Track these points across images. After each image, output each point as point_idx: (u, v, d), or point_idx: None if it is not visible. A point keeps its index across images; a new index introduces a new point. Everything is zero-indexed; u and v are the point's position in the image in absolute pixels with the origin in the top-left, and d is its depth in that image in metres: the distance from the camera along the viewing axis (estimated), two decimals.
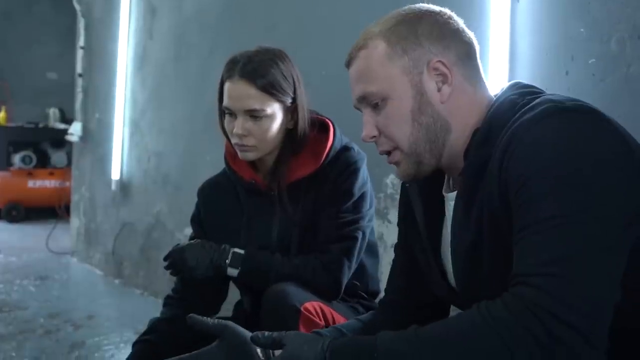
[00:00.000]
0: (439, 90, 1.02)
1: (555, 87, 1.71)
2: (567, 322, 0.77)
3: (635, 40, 1.59)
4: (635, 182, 0.86)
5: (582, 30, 1.71)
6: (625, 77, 1.61)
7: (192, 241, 1.58)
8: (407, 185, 1.18)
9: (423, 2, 1.11)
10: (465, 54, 1.04)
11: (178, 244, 1.56)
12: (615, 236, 0.82)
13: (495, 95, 1.06)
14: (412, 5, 1.07)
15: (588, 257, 0.80)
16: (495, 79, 1.83)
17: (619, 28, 1.62)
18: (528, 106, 0.92)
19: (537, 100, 0.92)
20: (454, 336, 0.83)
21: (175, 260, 1.52)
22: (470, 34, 1.07)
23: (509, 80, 1.82)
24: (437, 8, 1.06)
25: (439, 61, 1.01)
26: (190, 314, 1.07)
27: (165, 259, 1.54)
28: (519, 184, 0.87)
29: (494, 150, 0.94)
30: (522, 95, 0.98)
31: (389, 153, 1.07)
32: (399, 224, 1.26)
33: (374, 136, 1.06)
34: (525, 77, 1.80)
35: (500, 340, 0.79)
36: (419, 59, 1.01)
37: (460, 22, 1.06)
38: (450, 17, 1.05)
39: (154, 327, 1.62)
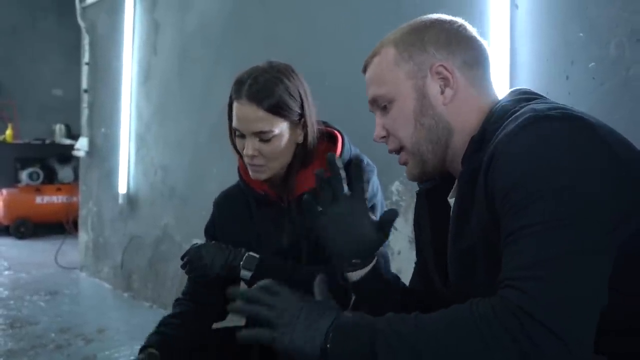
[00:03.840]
0: (442, 93, 1.06)
1: (556, 92, 1.73)
2: (546, 325, 0.77)
3: (633, 43, 1.61)
4: (619, 186, 0.86)
5: (581, 34, 1.73)
6: (625, 80, 1.63)
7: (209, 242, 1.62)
8: (416, 192, 1.22)
9: (428, 13, 1.15)
10: (473, 60, 1.08)
11: (196, 243, 1.59)
12: (599, 240, 0.82)
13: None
14: (425, 16, 1.12)
15: (570, 260, 0.80)
16: (496, 85, 1.84)
17: (618, 32, 1.64)
18: (515, 115, 0.94)
19: (522, 110, 0.94)
20: (443, 327, 0.84)
21: (192, 257, 1.54)
22: (483, 42, 1.11)
23: (510, 86, 1.85)
24: (448, 17, 1.11)
25: (441, 65, 1.05)
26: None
27: (182, 257, 1.56)
28: (502, 194, 0.89)
29: (484, 159, 0.95)
30: (516, 102, 1.01)
31: (398, 152, 1.12)
32: (413, 228, 1.30)
33: (384, 136, 1.12)
34: (526, 83, 1.82)
35: (481, 338, 0.80)
36: (422, 63, 1.06)
37: (472, 31, 1.10)
38: (460, 26, 1.09)
39: (165, 321, 1.67)
